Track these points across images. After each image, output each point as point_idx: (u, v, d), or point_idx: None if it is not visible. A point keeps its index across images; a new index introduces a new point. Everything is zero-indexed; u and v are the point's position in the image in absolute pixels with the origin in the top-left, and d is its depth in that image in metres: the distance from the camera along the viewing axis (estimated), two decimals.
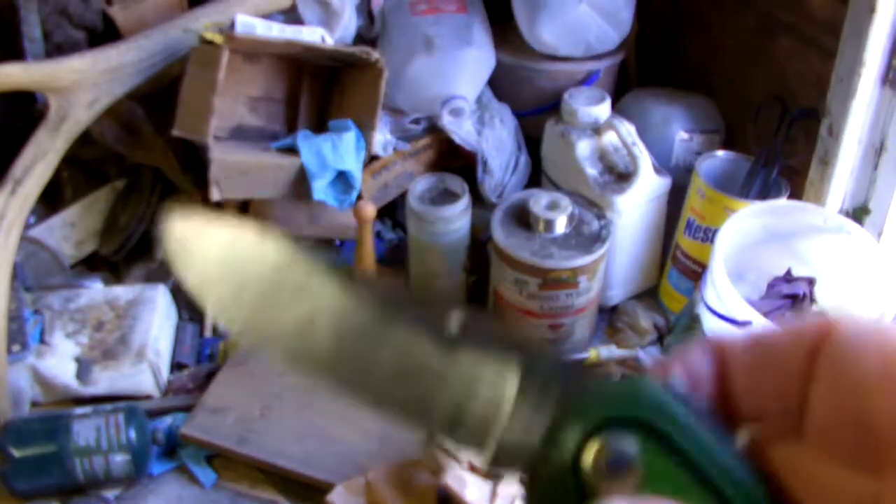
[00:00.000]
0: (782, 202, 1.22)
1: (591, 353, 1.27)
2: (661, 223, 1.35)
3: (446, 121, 1.41)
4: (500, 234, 1.21)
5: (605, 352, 1.28)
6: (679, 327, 1.24)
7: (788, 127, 1.25)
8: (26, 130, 1.21)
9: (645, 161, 1.25)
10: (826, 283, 1.19)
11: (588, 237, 1.21)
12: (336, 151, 1.23)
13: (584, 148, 1.30)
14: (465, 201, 1.25)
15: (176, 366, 1.28)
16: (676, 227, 1.34)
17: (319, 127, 1.34)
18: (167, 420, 1.19)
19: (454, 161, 1.49)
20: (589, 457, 0.22)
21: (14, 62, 1.19)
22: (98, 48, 1.24)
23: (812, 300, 1.19)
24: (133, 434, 1.09)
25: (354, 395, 0.26)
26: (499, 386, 0.24)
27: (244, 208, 1.40)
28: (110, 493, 1.11)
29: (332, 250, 1.47)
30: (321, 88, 1.39)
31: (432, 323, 0.26)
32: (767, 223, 1.19)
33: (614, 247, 1.27)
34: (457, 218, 1.24)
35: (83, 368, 1.19)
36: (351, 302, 0.26)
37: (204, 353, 1.30)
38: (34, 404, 1.20)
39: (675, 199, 1.32)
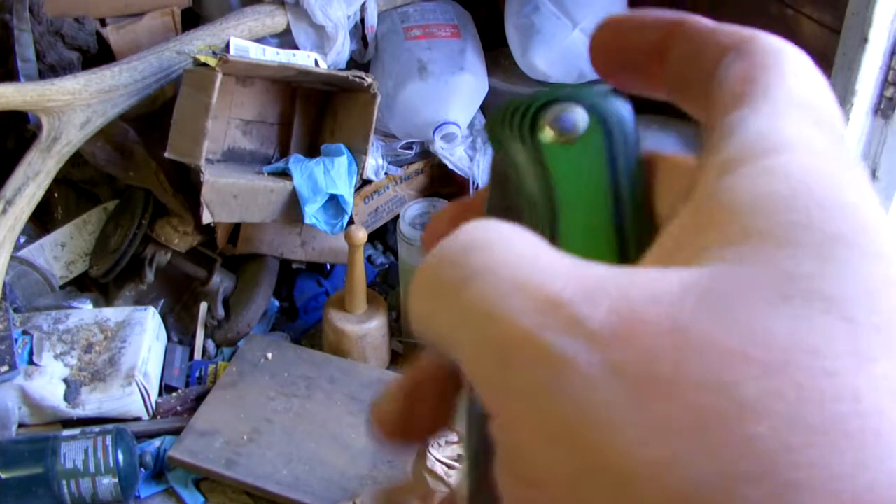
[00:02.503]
0: None
1: None
2: None
3: (439, 146, 1.41)
4: None
5: None
6: None
7: None
8: (18, 150, 1.21)
9: None
10: None
11: None
12: (328, 175, 1.23)
13: None
14: None
15: (165, 388, 1.27)
16: None
17: (312, 151, 1.34)
18: (155, 443, 1.18)
19: (446, 186, 1.50)
20: (544, 117, 0.23)
21: (7, 82, 1.19)
22: (91, 69, 1.24)
23: None
24: (121, 457, 1.08)
25: None
26: None
27: (235, 231, 1.40)
28: None
29: (322, 273, 1.47)
30: (314, 112, 1.39)
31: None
32: None
33: None
34: None
35: (71, 390, 1.18)
36: None
37: (193, 376, 1.30)
38: (22, 425, 1.19)
39: None
